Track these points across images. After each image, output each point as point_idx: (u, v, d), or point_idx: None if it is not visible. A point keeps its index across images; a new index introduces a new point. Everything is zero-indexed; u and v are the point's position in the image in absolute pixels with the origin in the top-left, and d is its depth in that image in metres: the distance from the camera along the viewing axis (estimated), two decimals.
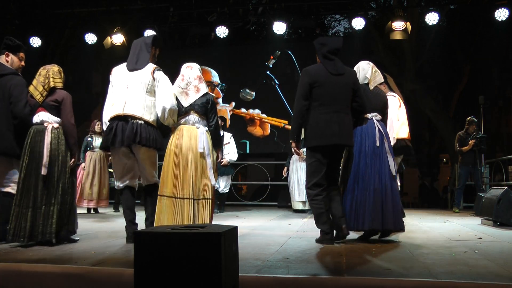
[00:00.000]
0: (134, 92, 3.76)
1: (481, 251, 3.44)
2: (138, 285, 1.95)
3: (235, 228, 2.15)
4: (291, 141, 3.87)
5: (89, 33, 8.93)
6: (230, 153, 7.20)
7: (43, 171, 3.65)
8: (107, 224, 5.57)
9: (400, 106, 4.98)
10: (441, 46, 12.58)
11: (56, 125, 3.79)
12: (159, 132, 3.84)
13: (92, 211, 7.32)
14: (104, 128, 3.91)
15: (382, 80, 4.18)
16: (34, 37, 8.93)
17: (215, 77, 11.18)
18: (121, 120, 3.73)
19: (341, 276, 2.57)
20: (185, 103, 3.92)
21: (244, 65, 11.27)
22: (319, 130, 3.69)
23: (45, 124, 3.76)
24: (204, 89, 4.00)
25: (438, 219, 6.29)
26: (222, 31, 8.57)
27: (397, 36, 8.24)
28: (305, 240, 4.01)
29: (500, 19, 7.82)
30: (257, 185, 11.77)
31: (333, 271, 2.74)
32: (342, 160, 4.00)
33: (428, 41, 11.32)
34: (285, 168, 7.61)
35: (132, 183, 3.94)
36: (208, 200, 3.88)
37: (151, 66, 3.85)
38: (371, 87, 4.09)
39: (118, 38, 8.76)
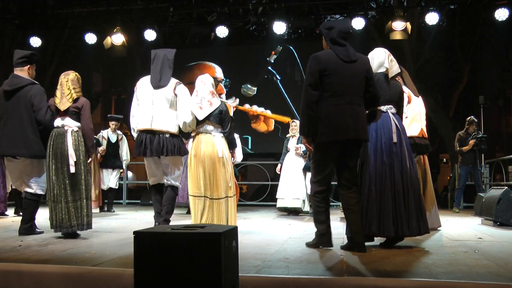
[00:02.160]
0: (159, 108, 4.30)
1: (481, 251, 3.44)
2: (138, 285, 1.95)
3: (235, 228, 2.15)
4: (302, 136, 3.56)
5: (89, 33, 8.92)
6: (236, 154, 7.09)
7: (72, 170, 4.08)
8: (107, 224, 5.56)
9: (409, 103, 4.52)
10: (441, 46, 12.58)
11: (76, 129, 4.18)
12: (182, 140, 4.42)
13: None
14: (133, 133, 4.50)
15: (399, 70, 3.84)
16: (34, 37, 8.93)
17: (218, 72, 11.17)
18: (149, 133, 4.30)
19: (341, 276, 2.57)
20: (200, 116, 4.34)
21: (244, 65, 11.27)
22: (332, 123, 3.30)
23: (66, 128, 4.16)
24: (216, 102, 4.40)
25: None
26: (222, 31, 8.56)
27: (397, 36, 8.23)
28: (305, 240, 4.00)
29: (500, 19, 7.81)
30: (257, 185, 11.77)
31: (333, 271, 2.74)
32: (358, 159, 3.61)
33: (428, 41, 11.32)
34: (279, 166, 7.20)
35: (160, 181, 4.53)
36: (233, 197, 4.39)
37: (173, 82, 4.35)
38: (389, 77, 3.72)
39: (118, 38, 8.75)
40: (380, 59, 3.75)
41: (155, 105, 4.32)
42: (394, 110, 3.70)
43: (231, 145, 4.56)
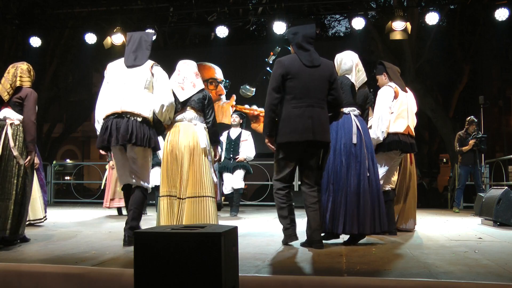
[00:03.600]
0: (132, 88, 3.65)
1: (481, 251, 3.44)
2: (138, 285, 1.95)
3: (235, 228, 2.15)
4: (265, 136, 3.59)
5: (89, 33, 8.92)
6: (248, 150, 7.11)
7: (21, 162, 3.67)
8: (107, 224, 5.57)
9: (396, 98, 4.34)
10: (441, 46, 12.58)
11: (17, 122, 3.76)
12: (154, 131, 3.72)
13: (123, 212, 6.70)
14: (97, 126, 3.77)
15: (366, 79, 3.90)
16: (34, 37, 8.92)
17: (218, 73, 11.17)
18: (116, 117, 3.60)
19: (341, 276, 2.57)
20: (181, 97, 3.94)
21: (244, 65, 11.25)
22: (291, 125, 3.42)
23: (7, 121, 3.75)
24: (200, 85, 4.03)
25: (438, 219, 6.29)
26: (222, 31, 8.56)
27: (397, 36, 8.23)
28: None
29: (500, 19, 7.82)
30: (257, 185, 11.76)
31: (333, 271, 2.74)
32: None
33: (428, 41, 11.33)
34: None
35: (130, 181, 3.78)
36: (209, 198, 3.83)
37: (149, 62, 3.78)
38: (356, 88, 3.81)
39: (118, 38, 8.74)
40: (347, 67, 3.84)
41: (127, 85, 3.65)
42: (357, 113, 3.81)
43: (214, 139, 4.06)
